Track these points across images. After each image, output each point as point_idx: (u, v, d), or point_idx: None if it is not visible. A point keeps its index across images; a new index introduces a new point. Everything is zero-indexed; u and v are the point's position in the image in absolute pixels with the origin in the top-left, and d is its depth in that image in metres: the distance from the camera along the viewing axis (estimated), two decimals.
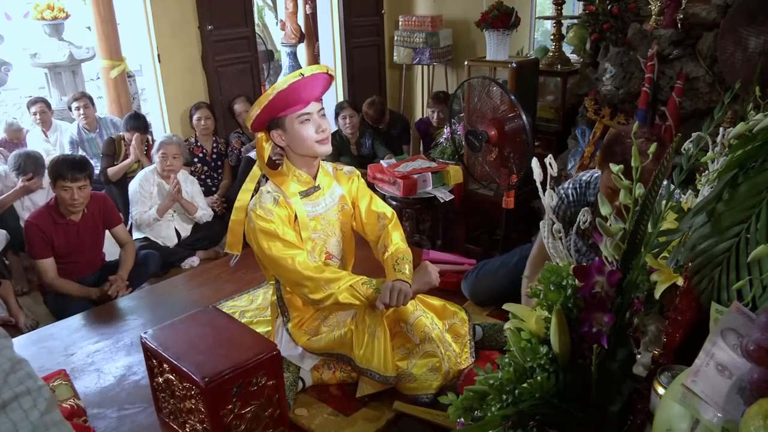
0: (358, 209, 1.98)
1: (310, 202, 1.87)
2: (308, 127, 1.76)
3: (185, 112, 4.39)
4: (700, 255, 0.91)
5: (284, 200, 1.80)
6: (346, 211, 1.97)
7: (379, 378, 1.76)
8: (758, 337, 0.70)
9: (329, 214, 1.92)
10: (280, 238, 1.76)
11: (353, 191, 1.98)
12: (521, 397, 0.88)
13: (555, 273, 0.96)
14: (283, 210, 1.79)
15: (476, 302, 2.37)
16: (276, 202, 1.78)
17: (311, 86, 1.74)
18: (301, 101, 1.74)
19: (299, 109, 1.74)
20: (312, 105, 1.76)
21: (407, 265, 1.85)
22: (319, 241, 1.90)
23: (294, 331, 1.91)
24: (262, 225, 1.75)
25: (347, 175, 1.98)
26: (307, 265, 1.75)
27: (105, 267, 3.18)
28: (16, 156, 3.58)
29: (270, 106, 1.71)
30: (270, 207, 1.76)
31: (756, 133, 0.93)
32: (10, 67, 6.57)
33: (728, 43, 2.65)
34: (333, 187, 1.93)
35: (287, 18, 6.47)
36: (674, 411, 0.78)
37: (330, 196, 1.92)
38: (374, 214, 1.98)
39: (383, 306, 1.72)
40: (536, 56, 3.86)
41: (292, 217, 1.82)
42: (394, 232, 1.95)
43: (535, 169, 1.26)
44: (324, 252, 1.92)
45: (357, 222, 2.00)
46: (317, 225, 1.89)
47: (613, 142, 1.85)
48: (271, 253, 1.76)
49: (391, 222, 1.98)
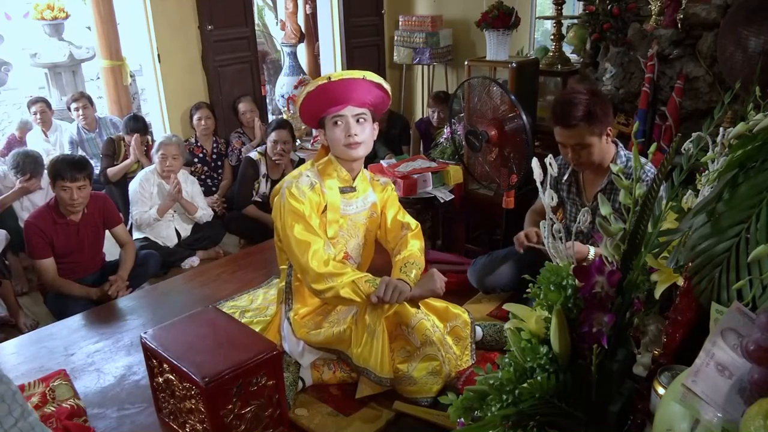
0: (384, 217, 2.02)
1: (344, 200, 1.91)
2: (338, 129, 1.81)
3: (185, 112, 4.39)
4: (700, 255, 0.91)
5: (320, 188, 1.85)
6: (374, 219, 2.01)
7: (374, 378, 1.76)
8: (758, 337, 0.70)
9: (358, 217, 1.96)
10: (305, 221, 1.80)
11: (384, 199, 2.03)
12: (521, 397, 0.88)
13: (555, 273, 0.96)
14: (316, 196, 1.83)
15: (483, 290, 2.39)
16: (312, 187, 1.83)
17: (343, 90, 1.77)
18: (337, 103, 1.79)
19: (334, 111, 1.80)
20: (347, 108, 1.80)
21: (415, 270, 1.87)
22: (341, 240, 1.93)
23: (295, 323, 1.91)
24: (292, 203, 1.80)
25: (382, 185, 2.04)
26: (320, 254, 1.78)
27: (105, 267, 3.18)
28: (15, 155, 3.58)
29: (306, 105, 1.80)
30: (305, 189, 1.81)
31: (756, 133, 0.93)
32: (10, 67, 6.56)
33: (728, 43, 2.65)
34: (368, 193, 1.98)
35: (287, 18, 6.46)
36: (674, 411, 0.78)
37: (363, 200, 1.96)
38: (399, 223, 2.03)
39: (376, 299, 1.72)
40: (536, 56, 3.85)
41: (322, 207, 1.86)
42: (413, 240, 1.99)
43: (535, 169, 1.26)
44: (343, 251, 1.94)
45: (381, 229, 2.05)
46: (344, 223, 1.92)
47: (553, 100, 2.13)
48: (292, 232, 1.79)
49: (414, 232, 2.02)
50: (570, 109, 1.97)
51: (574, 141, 2.01)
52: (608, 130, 2.03)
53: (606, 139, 2.04)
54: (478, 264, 2.42)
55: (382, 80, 1.84)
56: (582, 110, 1.96)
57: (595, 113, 1.96)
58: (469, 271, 2.43)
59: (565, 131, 2.02)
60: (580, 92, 2.01)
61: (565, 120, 1.99)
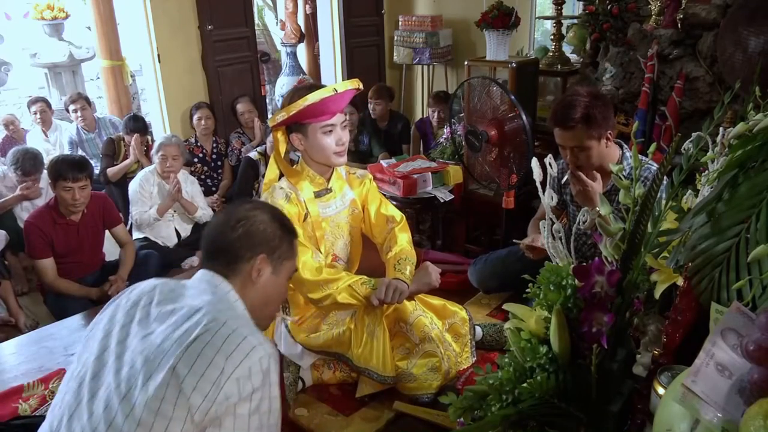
0: (367, 212, 2.00)
1: (321, 203, 1.88)
2: (330, 137, 1.78)
3: (185, 112, 4.39)
4: (700, 255, 0.91)
5: (296, 198, 1.82)
6: (356, 215, 1.99)
7: (377, 377, 1.76)
8: (758, 337, 0.70)
9: (339, 217, 1.94)
10: None
11: (364, 194, 1.99)
12: (521, 397, 0.88)
13: (555, 273, 0.96)
14: (294, 207, 1.80)
15: (483, 289, 2.39)
16: (288, 199, 1.80)
17: (340, 100, 1.76)
18: (328, 112, 1.76)
19: (324, 120, 1.76)
20: (337, 117, 1.79)
21: (409, 266, 1.86)
22: (327, 243, 1.91)
23: (293, 328, 1.91)
24: None
25: (359, 179, 2.00)
26: (310, 265, 1.76)
27: (105, 267, 3.18)
28: (15, 152, 3.57)
29: (298, 115, 1.73)
30: (281, 203, 1.78)
31: (756, 133, 0.93)
32: (10, 67, 6.57)
33: (728, 43, 2.65)
34: (344, 191, 1.95)
35: (287, 18, 6.46)
36: (674, 411, 0.78)
37: (341, 199, 1.94)
38: (383, 217, 2.00)
39: (377, 301, 1.72)
40: (536, 56, 3.85)
41: (302, 216, 1.83)
42: (401, 234, 1.97)
43: (535, 169, 1.26)
44: (331, 254, 1.93)
45: (366, 224, 2.02)
46: (326, 227, 1.90)
47: (554, 101, 2.05)
48: None
49: (399, 225, 1.99)
50: (568, 111, 1.96)
51: (572, 143, 2.00)
52: (608, 134, 2.02)
53: (606, 143, 2.01)
54: (479, 263, 2.42)
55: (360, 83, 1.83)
56: (580, 112, 1.94)
57: (593, 116, 1.94)
58: (470, 271, 2.43)
59: (563, 133, 2.01)
60: (581, 94, 2.00)
61: (562, 121, 1.98)
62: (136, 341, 1.10)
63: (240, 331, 1.07)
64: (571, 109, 1.96)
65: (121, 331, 1.14)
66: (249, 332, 1.09)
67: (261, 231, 1.26)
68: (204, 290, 1.19)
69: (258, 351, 1.06)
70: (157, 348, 1.06)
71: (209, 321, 1.08)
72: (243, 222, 1.25)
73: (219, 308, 1.14)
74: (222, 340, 1.05)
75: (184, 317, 1.10)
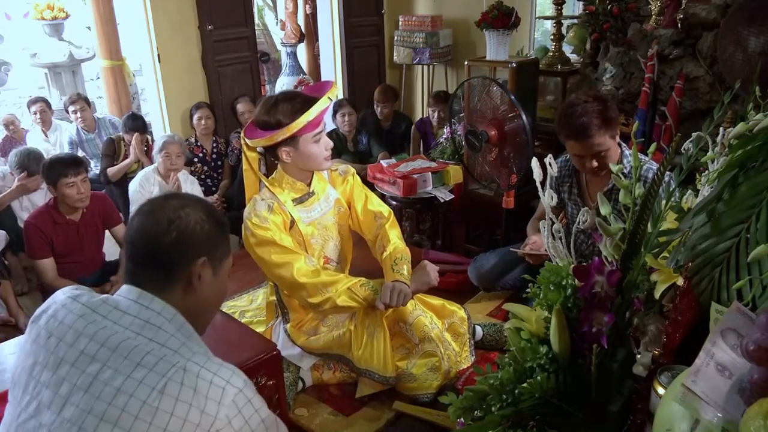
0: (354, 209, 1.98)
1: (304, 208, 1.87)
2: (318, 146, 1.78)
3: (185, 112, 4.39)
4: (700, 255, 0.91)
5: (279, 207, 1.81)
6: (343, 213, 1.97)
7: (378, 378, 1.76)
8: (758, 337, 0.70)
9: (325, 219, 1.93)
10: (277, 244, 1.76)
11: (347, 192, 1.98)
12: (521, 397, 0.88)
13: (555, 273, 0.96)
14: (278, 216, 1.79)
15: (483, 288, 2.39)
16: (270, 209, 1.79)
17: (326, 109, 1.76)
18: (318, 121, 1.76)
19: (314, 129, 1.76)
20: (322, 123, 1.79)
21: (405, 265, 1.85)
22: (317, 246, 1.90)
23: (293, 332, 1.91)
24: (259, 233, 1.76)
25: (342, 176, 1.99)
26: (305, 270, 1.76)
27: (105, 267, 3.18)
28: (18, 154, 3.55)
29: (298, 131, 1.71)
30: (265, 214, 1.77)
31: (756, 133, 0.93)
32: (10, 67, 6.57)
33: (728, 43, 2.65)
34: (327, 191, 1.94)
35: (287, 18, 6.46)
36: (674, 411, 0.78)
37: (325, 200, 1.93)
38: (371, 213, 1.98)
39: (383, 306, 1.72)
40: (536, 56, 3.85)
41: (288, 223, 1.82)
42: (391, 231, 1.96)
43: (535, 169, 1.26)
44: (322, 257, 1.92)
45: (354, 222, 2.01)
46: (314, 230, 1.89)
47: (560, 115, 2.00)
48: (270, 259, 1.76)
49: (388, 221, 1.98)
50: (584, 122, 1.91)
51: (594, 150, 1.95)
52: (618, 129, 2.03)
53: (616, 138, 2.01)
54: (479, 261, 2.43)
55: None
56: (597, 119, 1.91)
57: (610, 118, 1.93)
58: (470, 269, 2.43)
59: (584, 143, 1.95)
60: (587, 101, 1.95)
61: (583, 134, 1.93)
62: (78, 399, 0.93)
63: (203, 374, 0.93)
64: (588, 119, 1.92)
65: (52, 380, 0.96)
66: (209, 366, 0.95)
67: (198, 232, 1.07)
68: (132, 322, 1.01)
69: (229, 390, 0.94)
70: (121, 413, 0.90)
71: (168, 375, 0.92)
72: (176, 223, 1.06)
73: (163, 346, 0.97)
74: (191, 391, 0.91)
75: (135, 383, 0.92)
